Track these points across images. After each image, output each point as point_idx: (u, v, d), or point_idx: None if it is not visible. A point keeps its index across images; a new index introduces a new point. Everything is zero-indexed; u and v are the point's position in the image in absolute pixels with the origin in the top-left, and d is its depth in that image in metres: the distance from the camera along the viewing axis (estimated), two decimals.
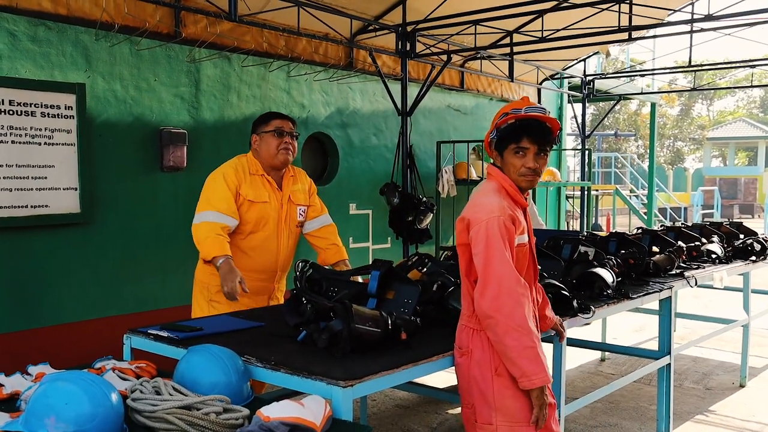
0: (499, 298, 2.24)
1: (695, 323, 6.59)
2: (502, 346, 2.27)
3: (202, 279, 3.46)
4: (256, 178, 3.39)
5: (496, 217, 2.30)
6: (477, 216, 2.33)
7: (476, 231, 2.31)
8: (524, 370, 2.25)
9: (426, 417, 4.50)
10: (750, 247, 5.11)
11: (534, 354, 2.25)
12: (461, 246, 2.41)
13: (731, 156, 37.43)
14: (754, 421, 4.47)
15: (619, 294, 3.46)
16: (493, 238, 2.27)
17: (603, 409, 4.66)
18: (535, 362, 2.25)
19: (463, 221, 2.39)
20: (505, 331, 2.24)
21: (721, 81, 17.33)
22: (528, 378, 2.25)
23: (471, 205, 2.42)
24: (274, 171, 3.44)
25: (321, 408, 1.89)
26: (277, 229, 3.44)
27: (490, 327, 2.28)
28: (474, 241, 2.32)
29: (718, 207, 19.08)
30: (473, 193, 2.53)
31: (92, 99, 4.55)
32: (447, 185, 7.14)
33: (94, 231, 4.60)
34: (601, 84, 9.96)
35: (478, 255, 2.30)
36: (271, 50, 5.60)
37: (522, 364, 2.25)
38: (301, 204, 3.56)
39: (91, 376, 1.81)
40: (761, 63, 8.26)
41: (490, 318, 2.26)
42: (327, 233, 3.67)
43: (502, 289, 2.24)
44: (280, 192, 3.45)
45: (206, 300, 3.44)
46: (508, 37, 6.96)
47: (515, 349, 2.24)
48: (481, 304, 2.27)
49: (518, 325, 2.23)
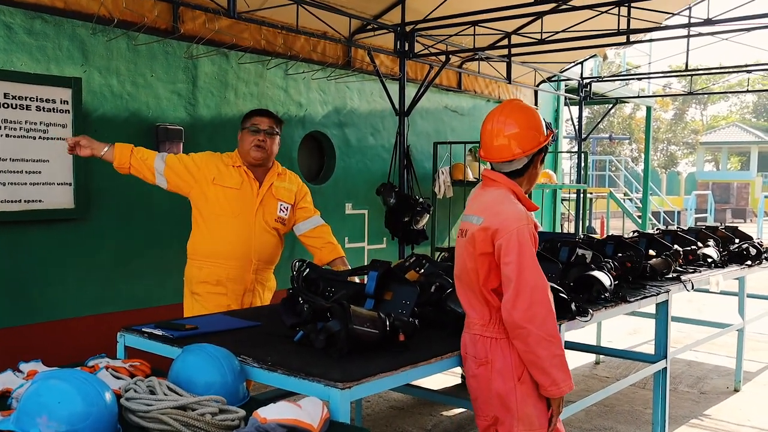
0: (532, 308, 2.22)
1: (689, 327, 6.59)
2: (534, 356, 2.25)
3: (187, 273, 3.50)
4: (232, 169, 3.43)
5: (526, 225, 2.28)
6: (506, 224, 2.27)
7: (507, 239, 2.25)
8: (554, 378, 2.25)
9: (420, 419, 4.48)
10: (746, 251, 5.11)
11: (563, 362, 2.27)
12: (483, 255, 2.32)
13: (724, 160, 37.60)
14: (748, 426, 4.47)
15: (616, 297, 3.45)
16: (526, 245, 2.25)
17: (598, 412, 4.65)
18: (564, 370, 2.27)
19: (487, 230, 2.30)
20: (538, 342, 2.22)
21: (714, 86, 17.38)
22: (557, 386, 2.26)
23: (490, 213, 2.33)
24: (252, 166, 3.47)
25: (318, 410, 1.86)
26: (247, 217, 3.40)
27: (520, 337, 2.25)
28: (505, 250, 2.26)
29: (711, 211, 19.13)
30: (482, 200, 2.43)
31: (88, 93, 4.51)
32: (443, 186, 7.12)
33: (88, 227, 4.56)
34: (598, 87, 9.97)
35: (509, 264, 2.25)
36: (269, 48, 5.57)
37: (552, 372, 2.25)
38: (283, 200, 3.52)
39: (85, 374, 1.77)
40: (757, 68, 8.28)
41: (522, 328, 2.23)
42: (321, 233, 3.65)
43: (535, 298, 2.22)
44: (255, 182, 3.45)
45: (190, 293, 3.48)
46: (507, 39, 6.95)
47: (547, 359, 2.24)
48: (513, 314, 2.23)
49: (550, 335, 2.23)
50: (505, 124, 2.39)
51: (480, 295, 2.38)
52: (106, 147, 3.35)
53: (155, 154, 3.42)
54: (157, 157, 3.41)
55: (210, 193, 3.38)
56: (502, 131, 2.39)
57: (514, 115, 2.40)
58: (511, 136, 2.38)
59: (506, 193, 2.39)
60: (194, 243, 3.46)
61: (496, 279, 2.33)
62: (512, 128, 2.38)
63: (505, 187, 2.40)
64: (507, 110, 2.42)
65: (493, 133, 2.41)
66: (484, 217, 2.35)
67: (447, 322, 2.66)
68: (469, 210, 2.46)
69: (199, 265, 3.42)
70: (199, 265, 3.42)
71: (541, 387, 2.30)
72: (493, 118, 2.43)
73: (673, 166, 41.56)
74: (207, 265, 3.39)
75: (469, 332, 2.43)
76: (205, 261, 3.40)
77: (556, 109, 10.03)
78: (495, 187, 2.43)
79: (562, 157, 11.51)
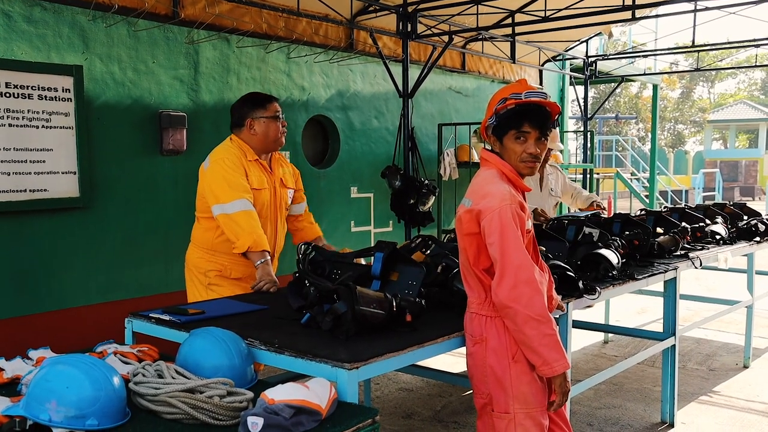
0: (517, 288, 2.21)
1: (698, 305, 6.57)
2: (522, 335, 2.24)
3: (198, 264, 3.39)
4: (253, 164, 3.32)
5: (508, 204, 2.26)
6: (489, 205, 2.26)
7: (489, 220, 2.25)
8: (545, 358, 2.24)
9: (430, 400, 4.49)
10: (754, 227, 5.08)
11: (554, 341, 2.24)
12: (469, 236, 2.34)
13: (732, 138, 37.30)
14: (758, 401, 4.46)
15: (624, 275, 3.43)
16: (508, 226, 2.24)
17: (607, 390, 4.65)
18: (556, 349, 2.24)
19: (472, 212, 2.31)
20: (525, 321, 2.21)
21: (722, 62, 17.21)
22: (549, 366, 2.24)
23: (477, 195, 2.34)
24: (264, 155, 3.38)
25: (326, 390, 1.86)
26: (274, 215, 3.39)
27: (508, 316, 2.25)
28: (488, 231, 2.26)
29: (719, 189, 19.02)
30: (474, 181, 2.44)
31: (90, 81, 4.49)
32: (449, 168, 7.09)
33: (93, 215, 4.56)
34: (603, 66, 9.87)
35: (493, 245, 2.25)
36: (270, 31, 5.53)
37: (543, 352, 2.23)
38: (291, 187, 3.51)
39: (93, 359, 1.78)
40: (765, 42, 8.16)
41: (508, 308, 2.23)
42: (305, 216, 3.72)
43: (520, 278, 2.21)
44: (272, 175, 3.40)
45: (203, 285, 3.38)
46: (510, 18, 6.87)
47: (535, 338, 2.22)
48: (499, 294, 2.23)
49: (537, 314, 2.21)
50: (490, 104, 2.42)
51: (473, 274, 2.38)
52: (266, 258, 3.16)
53: (252, 212, 3.17)
54: (251, 208, 3.19)
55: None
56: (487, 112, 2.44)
57: (495, 95, 2.41)
58: (485, 119, 2.43)
59: (494, 173, 2.38)
60: (218, 241, 3.31)
61: (486, 259, 2.33)
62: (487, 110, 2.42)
63: (495, 167, 2.40)
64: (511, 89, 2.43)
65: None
66: (472, 199, 2.36)
67: (453, 303, 2.65)
68: (467, 192, 2.47)
69: (220, 261, 3.33)
70: (221, 262, 3.32)
71: (535, 367, 2.30)
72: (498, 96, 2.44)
73: (680, 145, 41.30)
74: (230, 263, 3.31)
75: (468, 311, 2.44)
76: (229, 258, 3.30)
77: (562, 89, 9.94)
78: (487, 167, 2.44)
79: (569, 138, 11.42)
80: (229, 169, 3.20)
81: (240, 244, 3.10)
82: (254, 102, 3.37)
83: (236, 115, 3.37)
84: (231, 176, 3.18)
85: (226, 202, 3.14)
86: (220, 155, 3.27)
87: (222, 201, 3.15)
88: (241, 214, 3.12)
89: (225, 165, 3.21)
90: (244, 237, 3.09)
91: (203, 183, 3.29)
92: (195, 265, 3.42)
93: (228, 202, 3.14)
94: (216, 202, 3.17)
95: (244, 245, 3.09)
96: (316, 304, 2.42)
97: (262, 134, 3.32)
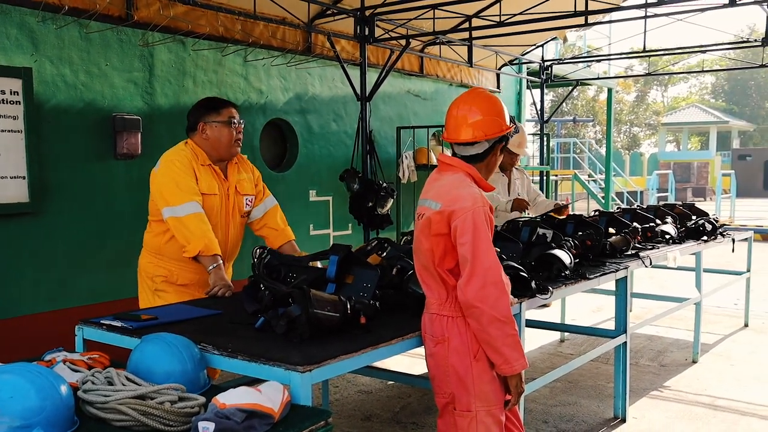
0: (485, 289, 2.27)
1: (651, 303, 6.75)
2: (486, 335, 2.31)
3: (147, 269, 3.34)
4: (205, 168, 3.26)
5: (481, 207, 2.33)
6: (462, 206, 2.32)
7: (463, 220, 2.30)
8: (506, 357, 2.31)
9: (388, 402, 4.51)
10: (702, 227, 5.25)
11: (516, 341, 2.32)
12: (437, 236, 2.37)
13: (684, 141, 38.39)
14: (705, 395, 4.61)
15: (576, 275, 3.51)
16: (481, 227, 2.30)
17: (562, 388, 4.74)
18: (517, 349, 2.32)
19: (443, 213, 2.35)
20: (490, 322, 2.28)
21: (674, 67, 17.71)
22: (510, 365, 2.32)
23: (447, 197, 2.37)
24: (219, 161, 3.32)
25: (279, 394, 1.86)
26: (224, 221, 3.33)
27: (473, 316, 2.31)
28: (460, 231, 2.31)
29: (672, 190, 19.54)
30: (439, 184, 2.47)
31: (40, 84, 4.40)
32: (408, 171, 7.14)
33: (44, 221, 4.46)
34: (559, 70, 10.07)
35: (465, 245, 2.30)
36: (227, 34, 5.49)
37: (505, 351, 2.31)
38: (248, 194, 3.44)
39: (38, 368, 1.74)
40: (712, 48, 8.45)
41: (474, 308, 2.28)
42: (268, 219, 3.56)
43: (488, 279, 2.27)
44: (226, 182, 3.34)
45: (151, 290, 3.33)
46: (467, 22, 6.97)
47: (499, 338, 2.29)
48: (467, 293, 2.28)
49: (503, 315, 2.28)
50: (470, 109, 2.45)
51: (436, 275, 2.41)
52: (219, 262, 3.12)
53: (202, 215, 3.13)
54: (201, 210, 3.14)
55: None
56: (467, 116, 2.45)
57: (479, 102, 2.46)
58: (475, 122, 2.44)
59: (462, 176, 2.45)
60: (166, 245, 3.27)
61: (452, 259, 2.37)
62: (477, 114, 2.45)
63: (461, 171, 2.46)
64: (473, 96, 2.49)
65: (458, 117, 2.47)
66: (441, 202, 2.39)
67: (408, 304, 2.68)
68: (426, 194, 2.50)
69: (168, 267, 3.28)
70: (169, 267, 3.28)
71: (495, 365, 2.37)
72: (459, 103, 2.49)
73: (636, 147, 42.29)
74: (177, 268, 3.27)
75: (428, 312, 2.47)
76: (176, 263, 3.26)
77: (519, 92, 10.11)
78: (451, 172, 2.48)
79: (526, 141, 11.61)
80: (178, 171, 3.16)
81: (191, 248, 3.07)
82: (208, 106, 3.33)
83: (191, 118, 3.33)
84: (180, 178, 3.14)
85: (176, 204, 3.10)
86: (170, 157, 3.23)
87: (172, 203, 3.11)
88: (191, 218, 3.09)
89: (174, 167, 3.17)
90: (195, 241, 3.06)
91: (153, 185, 3.24)
92: (144, 269, 3.38)
93: (178, 205, 3.10)
94: (166, 205, 3.12)
95: (194, 249, 3.06)
96: (270, 307, 2.41)
97: (215, 139, 3.26)
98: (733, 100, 45.50)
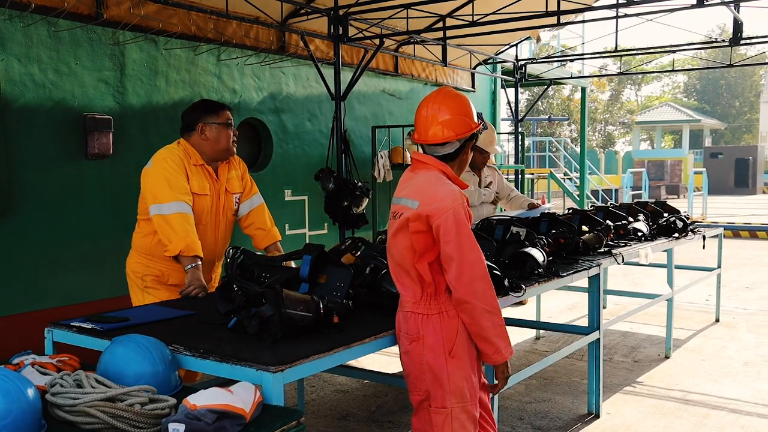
0: (474, 283, 2.32)
1: (624, 299, 6.84)
2: (478, 328, 2.37)
3: (136, 269, 3.34)
4: (197, 168, 3.27)
5: (461, 204, 2.36)
6: (443, 205, 2.33)
7: (445, 219, 2.32)
8: (497, 347, 2.40)
9: (365, 401, 4.52)
10: (673, 224, 5.33)
11: (504, 331, 2.41)
12: (417, 234, 2.37)
13: (658, 139, 38.96)
14: (677, 390, 4.68)
15: (549, 273, 3.55)
16: (462, 224, 2.34)
17: (537, 385, 4.78)
18: (505, 338, 2.42)
19: (422, 212, 2.35)
20: (482, 314, 2.34)
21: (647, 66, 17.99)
22: (500, 353, 2.41)
23: (425, 195, 2.38)
24: (213, 161, 3.34)
25: (250, 394, 1.86)
26: (214, 220, 3.35)
27: (466, 311, 2.35)
28: (444, 230, 2.32)
29: (646, 188, 19.82)
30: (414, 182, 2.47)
31: (7, 83, 4.32)
32: (383, 170, 7.15)
33: (11, 223, 4.39)
34: (534, 69, 10.15)
35: (450, 243, 2.32)
36: (199, 33, 5.45)
37: (496, 341, 2.39)
38: (237, 192, 3.48)
39: (5, 371, 1.72)
40: (683, 48, 8.59)
41: (467, 303, 2.34)
42: (255, 217, 3.58)
43: (475, 274, 2.32)
44: (218, 182, 3.36)
45: (141, 288, 3.33)
46: (441, 22, 6.99)
47: (490, 329, 2.37)
48: (458, 290, 2.33)
49: (492, 306, 2.36)
50: (440, 109, 2.47)
51: (413, 272, 2.42)
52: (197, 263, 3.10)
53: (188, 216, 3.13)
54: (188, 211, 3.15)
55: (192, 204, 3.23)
56: (436, 116, 2.47)
57: (447, 102, 2.48)
58: (444, 122, 2.46)
59: (438, 174, 2.46)
60: (156, 246, 3.24)
61: (432, 254, 2.38)
62: (446, 114, 2.46)
63: (436, 168, 2.47)
64: (441, 96, 2.50)
65: (428, 117, 2.48)
66: (419, 200, 2.39)
67: (382, 303, 2.68)
68: (400, 192, 2.50)
69: (158, 267, 3.28)
70: (159, 268, 3.28)
71: (485, 356, 2.44)
72: (427, 103, 2.50)
73: (610, 146, 42.84)
74: (168, 269, 3.26)
75: (402, 310, 2.48)
76: (166, 264, 3.24)
77: (493, 92, 10.17)
78: (426, 170, 2.49)
79: (502, 139, 11.69)
80: (171, 169, 3.17)
81: (172, 248, 3.06)
82: (207, 108, 3.36)
83: (188, 119, 3.33)
84: (172, 177, 3.15)
85: (164, 202, 3.10)
86: (163, 155, 3.24)
87: (160, 201, 3.11)
88: (176, 217, 3.08)
89: (167, 165, 3.18)
90: (177, 240, 3.05)
91: (144, 183, 3.24)
92: (133, 270, 3.37)
93: (165, 203, 3.10)
94: (154, 202, 3.13)
95: (175, 249, 3.05)
96: (243, 308, 2.40)
97: (213, 140, 3.29)
98: (704, 99, 46.32)
